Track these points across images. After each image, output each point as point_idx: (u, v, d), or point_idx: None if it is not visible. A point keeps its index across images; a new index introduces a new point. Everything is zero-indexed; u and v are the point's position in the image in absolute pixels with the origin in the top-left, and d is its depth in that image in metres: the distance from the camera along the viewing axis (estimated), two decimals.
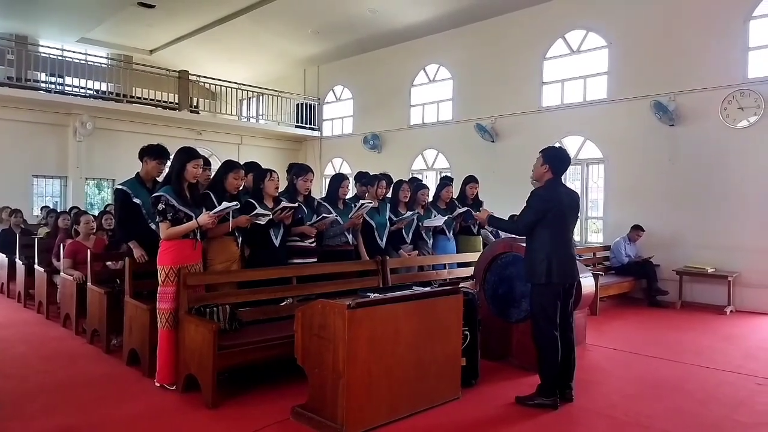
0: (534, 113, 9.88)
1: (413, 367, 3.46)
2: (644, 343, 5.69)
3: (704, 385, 4.36)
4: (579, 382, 3.95)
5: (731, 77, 7.68)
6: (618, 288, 7.72)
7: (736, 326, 6.62)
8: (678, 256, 7.98)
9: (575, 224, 4.13)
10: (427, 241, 5.74)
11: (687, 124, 8.07)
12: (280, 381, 4.01)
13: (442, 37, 11.29)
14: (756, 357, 5.20)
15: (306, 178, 4.75)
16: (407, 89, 12.17)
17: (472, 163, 10.13)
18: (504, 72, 10.30)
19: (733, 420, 3.60)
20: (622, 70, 8.81)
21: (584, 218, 9.61)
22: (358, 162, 12.28)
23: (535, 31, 9.85)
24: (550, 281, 3.68)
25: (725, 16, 7.74)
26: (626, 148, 8.73)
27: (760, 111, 7.42)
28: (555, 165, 3.83)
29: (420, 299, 3.56)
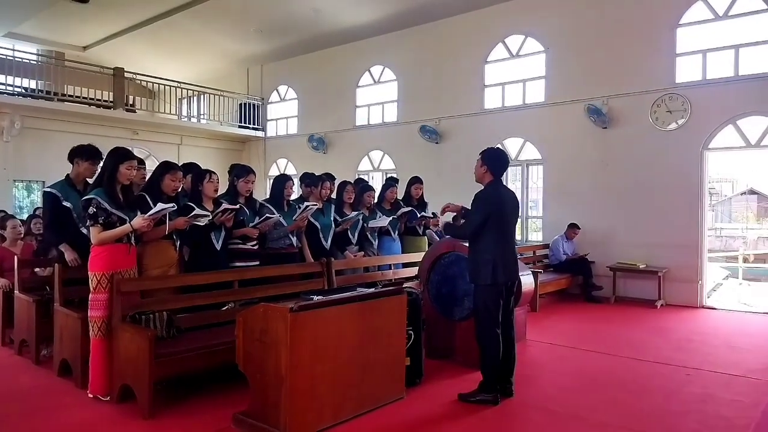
0: (476, 115, 10.09)
1: (358, 369, 3.45)
2: (581, 338, 5.91)
3: (637, 376, 4.57)
4: (519, 377, 4.05)
5: (660, 82, 8.10)
6: (556, 285, 7.99)
7: (665, 319, 6.98)
8: (612, 252, 8.34)
9: (516, 224, 4.24)
10: (373, 242, 5.75)
11: (619, 126, 8.45)
12: (222, 388, 3.91)
13: (386, 39, 11.35)
14: (685, 348, 5.50)
15: (247, 179, 4.66)
16: (352, 90, 12.15)
17: (417, 164, 10.24)
18: (447, 74, 10.47)
19: (664, 409, 3.78)
20: (558, 74, 9.13)
21: (525, 218, 9.90)
22: (304, 163, 12.17)
23: (477, 35, 10.06)
24: (495, 282, 3.77)
25: (655, 24, 8.16)
26: (563, 150, 9.05)
27: (686, 114, 7.85)
28: (494, 166, 3.92)
29: (364, 300, 3.56)
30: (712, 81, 7.77)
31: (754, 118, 7.52)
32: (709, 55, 7.86)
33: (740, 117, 7.57)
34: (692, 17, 7.96)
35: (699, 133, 7.77)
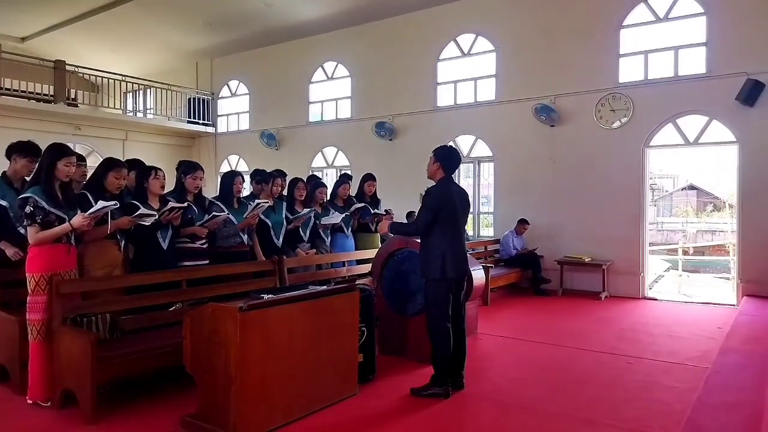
0: (429, 113, 10.18)
1: (310, 367, 3.44)
2: (530, 330, 6.07)
3: (582, 365, 4.74)
4: (470, 370, 4.13)
5: (605, 82, 8.39)
6: (507, 279, 8.18)
7: (609, 310, 7.25)
8: (559, 247, 8.59)
9: (466, 221, 4.31)
10: (325, 239, 5.72)
11: (566, 125, 8.71)
12: (169, 391, 3.82)
13: (340, 35, 11.30)
14: (627, 338, 5.72)
15: (195, 176, 4.54)
16: (305, 86, 12.04)
17: (371, 160, 10.26)
18: (401, 72, 10.52)
19: (608, 397, 3.93)
20: (508, 73, 9.32)
21: (477, 213, 10.07)
22: (256, 159, 12.00)
23: (430, 33, 10.15)
24: (444, 276, 3.82)
25: (599, 25, 8.44)
26: (513, 147, 9.25)
27: (629, 113, 8.17)
28: (446, 163, 3.98)
29: (316, 298, 3.54)
30: (653, 81, 8.10)
31: (693, 116, 7.89)
32: (650, 56, 8.19)
33: (679, 116, 7.93)
34: (635, 19, 8.28)
35: (641, 131, 8.09)
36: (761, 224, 7.21)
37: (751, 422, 3.14)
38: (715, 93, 7.50)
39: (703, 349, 5.22)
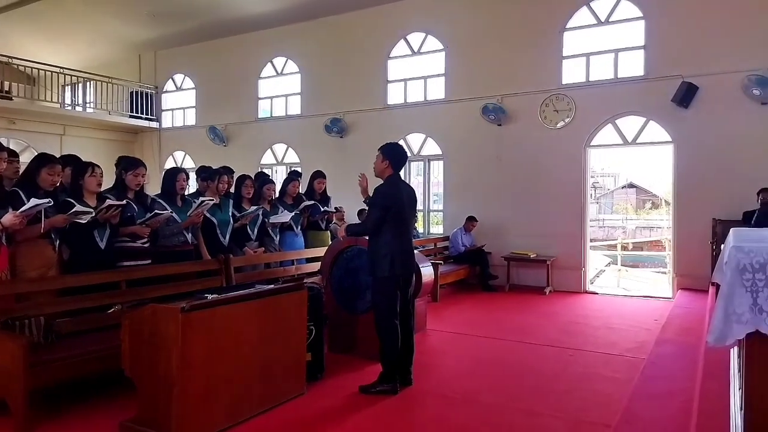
0: (380, 110, 10.20)
1: (256, 368, 3.38)
2: (478, 325, 6.19)
3: (526, 358, 4.87)
4: (419, 366, 4.16)
5: (548, 83, 8.63)
6: (456, 275, 8.31)
7: (553, 305, 7.48)
8: (506, 243, 8.80)
9: (414, 218, 4.34)
10: (274, 237, 5.63)
11: (512, 124, 8.91)
12: (108, 396, 3.67)
13: (289, 30, 11.15)
14: (569, 331, 5.92)
15: (136, 173, 4.38)
16: (254, 81, 11.83)
17: (321, 158, 10.19)
18: (352, 69, 10.48)
19: (551, 388, 4.05)
20: (457, 72, 9.45)
21: (427, 211, 10.18)
22: (203, 156, 11.65)
23: (380, 31, 10.16)
24: (392, 274, 3.84)
25: (544, 27, 8.67)
26: (462, 146, 9.40)
27: (571, 113, 8.44)
28: (393, 161, 4.00)
29: (262, 297, 3.49)
30: (595, 83, 8.40)
31: (631, 117, 8.23)
32: (592, 58, 8.49)
33: (619, 117, 8.25)
34: (577, 22, 8.55)
35: (582, 131, 8.38)
36: (694, 221, 7.60)
37: (683, 410, 3.31)
38: (652, 95, 7.85)
39: (640, 340, 5.46)
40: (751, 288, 2.27)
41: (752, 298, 2.26)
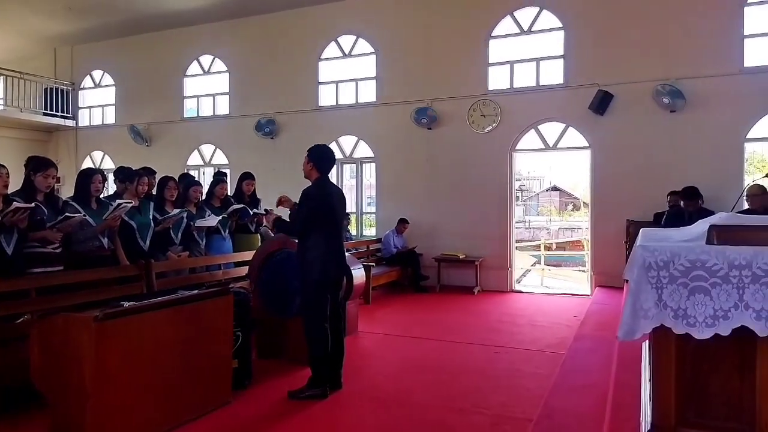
0: (311, 112, 10.11)
1: (178, 377, 3.25)
2: (409, 326, 6.26)
3: (455, 357, 4.97)
4: (349, 369, 4.15)
5: (476, 88, 8.88)
6: (388, 277, 8.37)
7: (481, 304, 7.69)
8: (437, 245, 8.96)
9: (344, 221, 4.33)
10: (200, 241, 5.44)
11: (442, 128, 9.10)
12: (15, 412, 3.41)
13: (217, 27, 10.84)
14: (496, 329, 6.11)
15: (47, 174, 4.10)
16: (180, 79, 11.41)
17: (251, 159, 9.97)
18: (282, 69, 10.33)
19: (477, 386, 4.16)
20: (388, 76, 9.53)
21: (360, 213, 10.20)
22: (124, 156, 11.09)
23: (311, 32, 10.08)
24: (322, 277, 3.81)
25: (471, 35, 8.91)
26: (394, 149, 9.49)
27: (497, 119, 8.72)
28: (320, 163, 3.97)
29: (185, 304, 3.36)
30: (518, 90, 8.73)
31: (552, 123, 8.61)
32: (515, 66, 8.80)
33: (541, 122, 8.61)
34: (502, 31, 8.85)
35: (508, 135, 8.68)
36: (610, 222, 8.04)
37: (599, 401, 3.48)
38: (571, 102, 8.25)
39: (561, 336, 5.71)
40: (656, 285, 2.42)
41: (657, 294, 2.42)
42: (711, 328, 2.37)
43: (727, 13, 7.52)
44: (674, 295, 2.39)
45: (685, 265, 2.39)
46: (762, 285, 2.31)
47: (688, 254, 2.40)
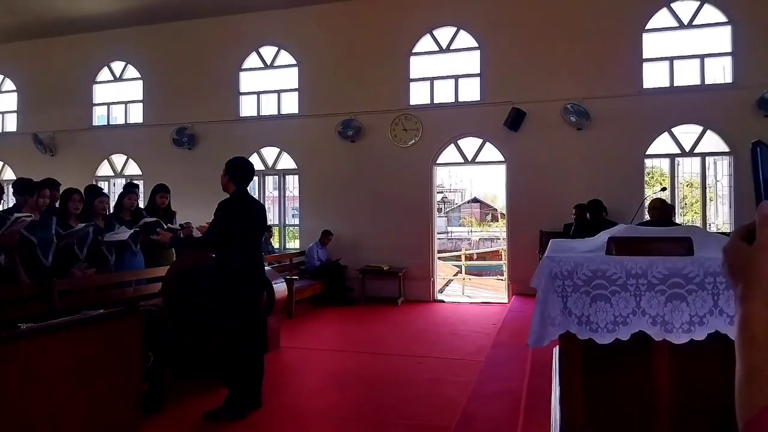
0: (232, 122, 9.88)
1: (83, 403, 3.03)
2: (332, 339, 6.23)
3: (378, 369, 4.98)
4: (270, 386, 4.06)
5: (398, 103, 9.04)
6: (312, 290, 8.27)
7: (405, 314, 7.78)
8: (361, 256, 8.98)
9: (263, 234, 4.25)
10: (109, 257, 5.14)
11: (365, 140, 9.17)
12: None
13: (129, 33, 10.36)
14: (418, 339, 6.19)
15: None
16: (89, 86, 10.79)
17: (167, 170, 9.55)
18: (201, 78, 10.03)
19: (397, 397, 4.18)
20: (311, 88, 9.51)
21: (283, 226, 10.05)
22: (26, 167, 10.34)
23: (232, 41, 9.88)
24: (241, 293, 3.71)
25: (393, 50, 9.08)
26: (317, 160, 9.45)
27: (419, 133, 8.91)
28: (238, 176, 3.88)
29: (89, 324, 3.15)
30: (439, 105, 8.98)
31: (471, 138, 8.91)
32: (436, 82, 9.06)
33: (460, 137, 8.89)
34: (422, 48, 9.09)
35: (429, 149, 8.89)
36: (525, 232, 8.39)
37: (513, 407, 3.61)
38: (487, 118, 8.58)
39: (480, 344, 5.88)
40: (562, 293, 2.55)
41: (563, 302, 2.55)
42: (612, 333, 2.53)
43: (627, 38, 8.14)
44: (578, 302, 2.53)
45: (588, 275, 2.54)
46: (656, 292, 2.49)
47: (590, 264, 2.55)
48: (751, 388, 0.66)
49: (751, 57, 7.69)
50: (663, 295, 2.46)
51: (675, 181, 8.25)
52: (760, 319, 0.68)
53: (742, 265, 0.72)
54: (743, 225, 0.75)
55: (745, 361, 0.68)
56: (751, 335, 0.68)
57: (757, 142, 0.72)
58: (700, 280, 2.43)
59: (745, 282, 0.71)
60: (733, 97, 7.70)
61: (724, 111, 7.69)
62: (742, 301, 0.71)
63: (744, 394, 0.67)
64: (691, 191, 9.57)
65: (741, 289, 0.71)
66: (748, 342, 0.68)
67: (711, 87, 7.96)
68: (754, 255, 0.70)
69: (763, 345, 0.67)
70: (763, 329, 0.68)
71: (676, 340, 2.43)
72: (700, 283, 2.43)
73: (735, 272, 0.73)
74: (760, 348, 0.67)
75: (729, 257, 0.75)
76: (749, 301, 0.70)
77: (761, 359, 0.67)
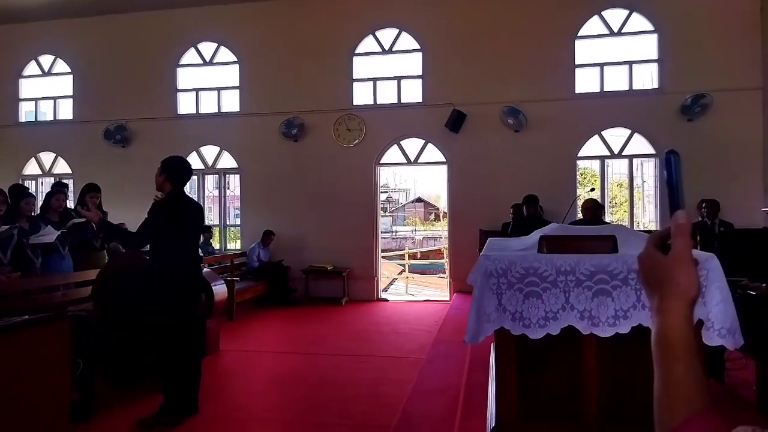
0: (169, 120, 9.57)
1: (6, 416, 2.86)
2: (274, 341, 6.15)
3: (321, 370, 4.96)
4: (208, 391, 3.96)
5: (342, 103, 9.03)
6: (254, 291, 8.13)
7: (348, 314, 7.78)
8: (305, 257, 8.91)
9: (200, 234, 4.15)
10: (34, 260, 4.88)
11: (308, 140, 9.11)
12: None
13: (59, 25, 9.83)
14: (361, 338, 6.21)
15: None
16: (15, 80, 10.17)
17: (100, 169, 9.16)
18: (136, 73, 9.66)
19: (339, 397, 4.18)
20: (253, 86, 9.35)
21: (224, 226, 9.83)
22: None
23: (169, 36, 9.57)
24: (176, 296, 3.60)
25: (336, 50, 9.06)
26: (259, 159, 9.30)
27: (362, 133, 8.93)
28: (176, 175, 3.77)
29: (11, 332, 2.98)
30: (382, 106, 9.03)
31: (413, 139, 9.02)
32: (378, 83, 9.10)
33: (403, 138, 8.98)
34: (365, 48, 9.11)
35: (372, 149, 8.93)
36: (465, 231, 8.57)
37: (452, 403, 3.69)
38: (429, 120, 8.71)
39: (422, 342, 5.95)
40: (497, 291, 2.64)
41: (497, 299, 2.63)
42: (543, 328, 2.63)
43: (561, 45, 8.46)
44: (512, 299, 2.63)
45: (521, 272, 2.63)
46: (584, 288, 2.62)
47: (523, 262, 2.65)
48: (671, 400, 0.67)
49: (676, 64, 8.16)
50: (590, 291, 2.59)
51: (605, 181, 8.66)
52: (678, 331, 0.69)
53: (658, 276, 0.72)
54: (657, 233, 0.76)
55: (664, 372, 0.69)
56: (669, 347, 0.69)
57: (671, 151, 0.74)
58: (624, 276, 2.57)
59: (661, 295, 0.71)
60: (658, 102, 8.15)
61: (651, 115, 8.13)
62: (660, 314, 0.71)
63: (663, 404, 0.68)
64: (620, 191, 10.07)
65: (658, 302, 0.72)
66: (666, 354, 0.69)
67: (638, 92, 8.40)
68: (670, 266, 0.70)
69: (680, 357, 0.68)
70: (681, 341, 0.69)
71: (602, 334, 2.57)
72: (624, 279, 2.57)
73: (651, 283, 0.73)
74: (677, 360, 0.68)
75: (644, 266, 0.75)
76: (666, 314, 0.70)
77: (680, 371, 0.67)
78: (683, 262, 0.69)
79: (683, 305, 0.69)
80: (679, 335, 0.69)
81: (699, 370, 0.68)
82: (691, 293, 0.70)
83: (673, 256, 0.70)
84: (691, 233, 0.71)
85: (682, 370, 0.67)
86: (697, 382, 0.67)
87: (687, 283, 0.69)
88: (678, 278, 0.69)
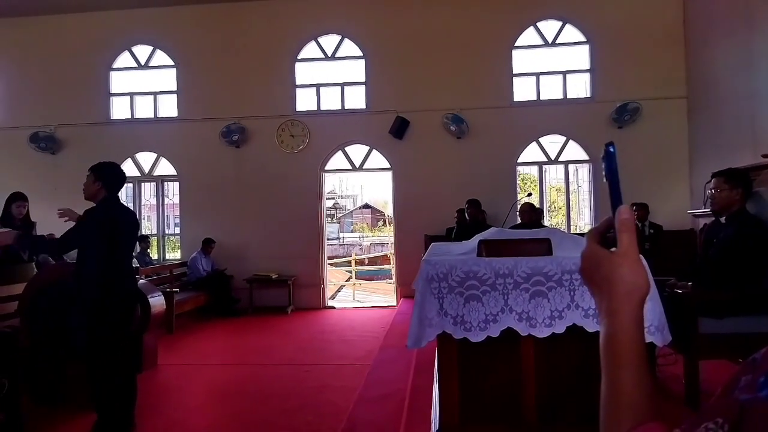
0: (102, 125, 9.18)
1: None
2: (216, 353, 5.97)
3: (263, 381, 4.85)
4: (144, 408, 3.80)
5: (284, 108, 8.94)
6: (194, 302, 7.88)
7: (294, 323, 7.67)
8: (248, 265, 8.74)
9: (134, 245, 3.99)
10: None
11: (250, 146, 8.95)
12: None
13: None
14: (307, 348, 6.12)
15: None
16: None
17: (26, 177, 8.68)
18: (65, 77, 9.21)
19: (282, 409, 4.09)
20: (191, 91, 9.10)
21: (162, 235, 9.50)
22: None
23: (101, 38, 9.19)
24: (108, 309, 3.44)
25: (277, 55, 8.97)
26: (199, 166, 9.06)
27: (306, 139, 8.86)
28: (109, 182, 3.62)
29: None
30: (325, 112, 9.00)
31: (358, 146, 9.03)
32: (322, 89, 9.07)
33: (347, 144, 8.98)
34: (307, 54, 9.07)
35: (317, 155, 8.88)
36: (411, 236, 8.65)
37: (398, 409, 3.69)
38: (373, 126, 8.76)
39: (368, 348, 5.94)
40: (438, 295, 2.67)
41: (439, 303, 2.66)
42: (484, 331, 2.68)
43: (499, 54, 8.70)
44: (453, 303, 2.66)
45: (461, 276, 2.67)
46: (522, 290, 2.68)
47: (463, 266, 2.69)
48: (617, 409, 0.63)
49: (607, 74, 8.56)
50: (527, 293, 2.66)
51: (543, 186, 8.95)
52: (626, 335, 0.65)
53: (604, 275, 0.67)
54: (595, 228, 0.72)
55: (610, 380, 0.65)
56: (616, 353, 0.65)
57: (610, 143, 0.71)
58: (558, 278, 2.66)
59: (610, 295, 0.66)
60: (591, 110, 8.52)
61: (584, 123, 8.48)
62: (608, 316, 0.66)
63: (609, 412, 0.64)
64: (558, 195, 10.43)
65: (607, 303, 0.67)
66: (612, 360, 0.65)
67: (572, 101, 8.75)
68: (617, 263, 0.66)
69: (628, 364, 0.64)
70: (629, 347, 0.64)
71: (539, 334, 2.64)
72: (558, 280, 2.66)
73: (597, 282, 0.69)
74: (623, 367, 0.64)
75: (588, 265, 0.70)
76: (614, 316, 0.66)
77: (627, 379, 0.63)
78: (630, 258, 0.66)
79: (633, 305, 0.65)
80: (628, 340, 0.64)
81: (647, 379, 0.64)
82: (641, 291, 0.66)
83: (620, 252, 0.66)
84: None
85: (629, 378, 0.63)
86: (644, 392, 0.63)
87: (636, 281, 0.65)
88: (626, 276, 0.65)
